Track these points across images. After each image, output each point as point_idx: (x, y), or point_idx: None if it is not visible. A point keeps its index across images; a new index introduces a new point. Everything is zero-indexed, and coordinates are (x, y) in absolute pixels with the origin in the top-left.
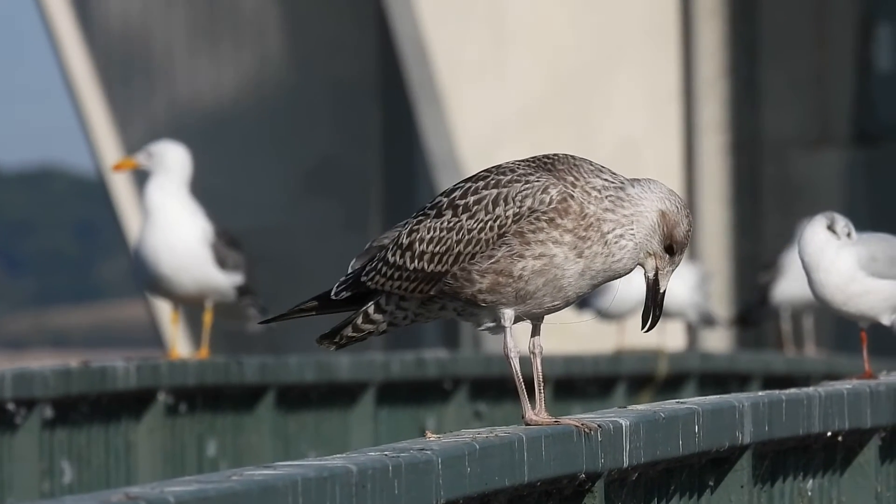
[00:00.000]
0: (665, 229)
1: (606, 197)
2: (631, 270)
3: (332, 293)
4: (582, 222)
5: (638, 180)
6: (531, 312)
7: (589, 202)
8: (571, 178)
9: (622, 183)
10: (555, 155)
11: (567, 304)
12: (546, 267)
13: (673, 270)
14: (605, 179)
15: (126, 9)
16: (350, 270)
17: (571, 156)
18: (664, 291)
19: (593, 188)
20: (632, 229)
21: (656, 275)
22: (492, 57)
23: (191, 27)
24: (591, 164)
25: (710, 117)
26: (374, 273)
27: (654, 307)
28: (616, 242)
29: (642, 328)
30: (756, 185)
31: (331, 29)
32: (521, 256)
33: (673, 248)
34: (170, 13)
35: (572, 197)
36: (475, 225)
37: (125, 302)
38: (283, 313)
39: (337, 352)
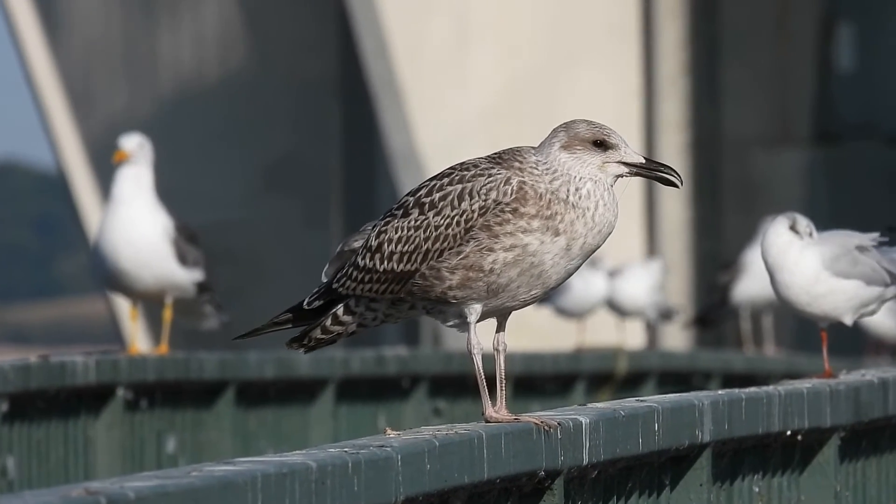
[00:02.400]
0: (580, 144)
1: (543, 171)
2: (616, 208)
3: (306, 303)
4: (541, 202)
5: (541, 144)
6: (504, 306)
7: (537, 181)
8: (517, 164)
9: (537, 152)
10: (501, 150)
11: (546, 292)
12: (519, 257)
13: (629, 149)
14: (534, 155)
15: (87, 3)
16: (323, 276)
17: (514, 147)
18: (646, 159)
19: (533, 166)
20: (573, 175)
21: (627, 161)
22: (453, 54)
23: (151, 23)
24: (529, 147)
25: (671, 115)
26: (345, 279)
27: (657, 168)
28: (579, 197)
29: (678, 184)
30: (716, 183)
31: (292, 25)
32: (491, 250)
33: (598, 141)
34: (130, 8)
35: (524, 182)
36: (442, 221)
37: (85, 298)
38: (258, 328)
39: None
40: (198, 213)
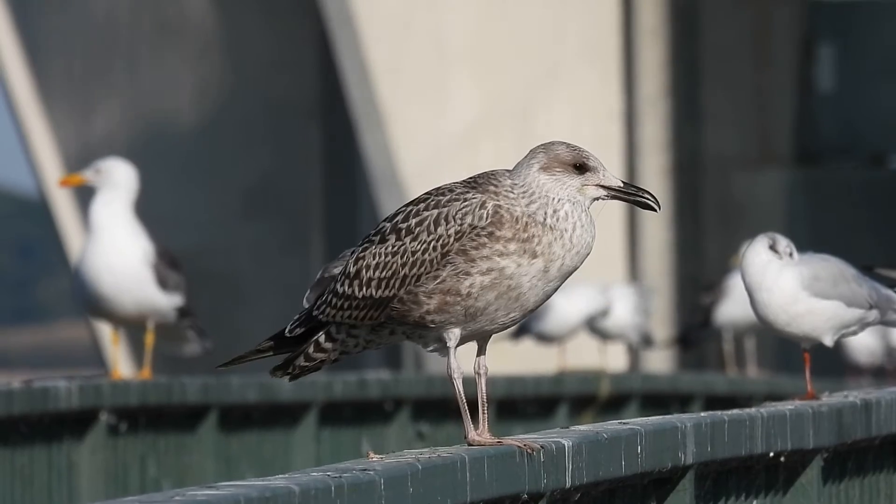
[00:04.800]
0: (559, 166)
1: (520, 194)
2: (593, 229)
3: (287, 331)
4: (517, 226)
5: (516, 166)
6: (483, 329)
7: (513, 205)
8: (492, 188)
9: (512, 174)
10: (477, 174)
11: (525, 314)
12: (496, 281)
13: (608, 173)
14: (509, 178)
15: (66, 27)
16: (304, 303)
17: (489, 171)
18: (624, 183)
19: (508, 189)
20: (552, 197)
21: (605, 185)
22: (433, 77)
23: (131, 46)
24: (504, 170)
25: (652, 137)
26: (324, 306)
27: (635, 193)
28: (556, 219)
29: (655, 208)
30: (698, 204)
31: (271, 48)
32: (468, 274)
33: (578, 164)
34: (110, 31)
35: (500, 206)
36: (419, 247)
37: (67, 322)
38: (240, 356)
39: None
40: (177, 237)
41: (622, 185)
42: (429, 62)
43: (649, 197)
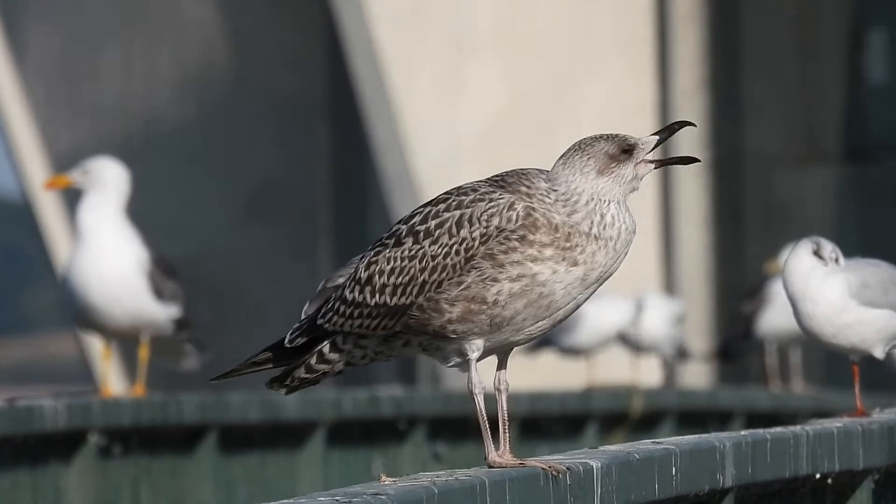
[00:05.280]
0: (613, 162)
1: (559, 201)
2: (634, 225)
3: (287, 341)
4: (558, 234)
5: (557, 169)
6: (508, 341)
7: (550, 211)
8: (524, 188)
9: (552, 179)
10: (504, 172)
11: (554, 324)
12: (527, 288)
13: (641, 139)
14: (545, 181)
15: (54, 19)
16: (303, 315)
17: (518, 169)
18: (658, 161)
19: (544, 194)
20: (604, 201)
21: (650, 159)
22: (450, 70)
23: (125, 40)
24: (537, 170)
25: (688, 133)
26: (331, 314)
27: (677, 160)
28: (603, 227)
29: (697, 159)
30: (738, 206)
31: (275, 41)
32: (495, 280)
33: (626, 149)
34: (102, 24)
35: (533, 209)
36: (439, 250)
37: (53, 335)
38: (234, 368)
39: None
40: (175, 243)
41: (658, 139)
42: (446, 54)
43: (685, 159)
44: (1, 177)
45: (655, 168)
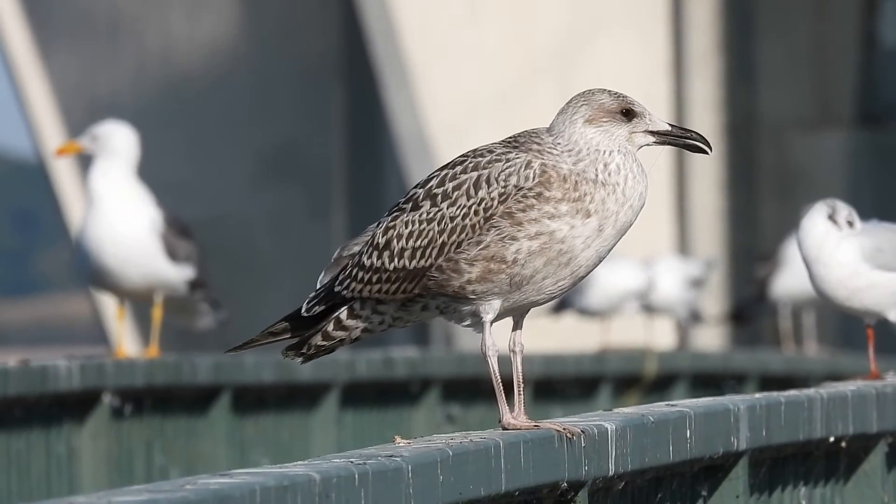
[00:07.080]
0: (606, 116)
1: (564, 152)
2: (645, 179)
3: (304, 310)
4: (566, 185)
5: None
6: (528, 300)
7: (559, 163)
8: (536, 146)
9: (552, 131)
10: (517, 133)
11: (575, 282)
12: (546, 245)
13: (654, 117)
14: (549, 136)
15: None
16: (318, 285)
17: (531, 129)
18: (672, 126)
19: (551, 147)
20: (602, 151)
21: (654, 129)
22: (465, 30)
23: (140, 4)
24: (543, 129)
25: (703, 96)
26: (349, 280)
27: (683, 135)
28: (608, 174)
29: (707, 150)
30: (752, 169)
31: (290, 4)
32: (514, 238)
33: (624, 111)
34: None
35: (546, 165)
36: (458, 212)
37: (67, 296)
38: (252, 339)
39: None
40: (191, 206)
41: (670, 128)
42: (460, 14)
43: (700, 139)
44: (16, 139)
45: (657, 143)
